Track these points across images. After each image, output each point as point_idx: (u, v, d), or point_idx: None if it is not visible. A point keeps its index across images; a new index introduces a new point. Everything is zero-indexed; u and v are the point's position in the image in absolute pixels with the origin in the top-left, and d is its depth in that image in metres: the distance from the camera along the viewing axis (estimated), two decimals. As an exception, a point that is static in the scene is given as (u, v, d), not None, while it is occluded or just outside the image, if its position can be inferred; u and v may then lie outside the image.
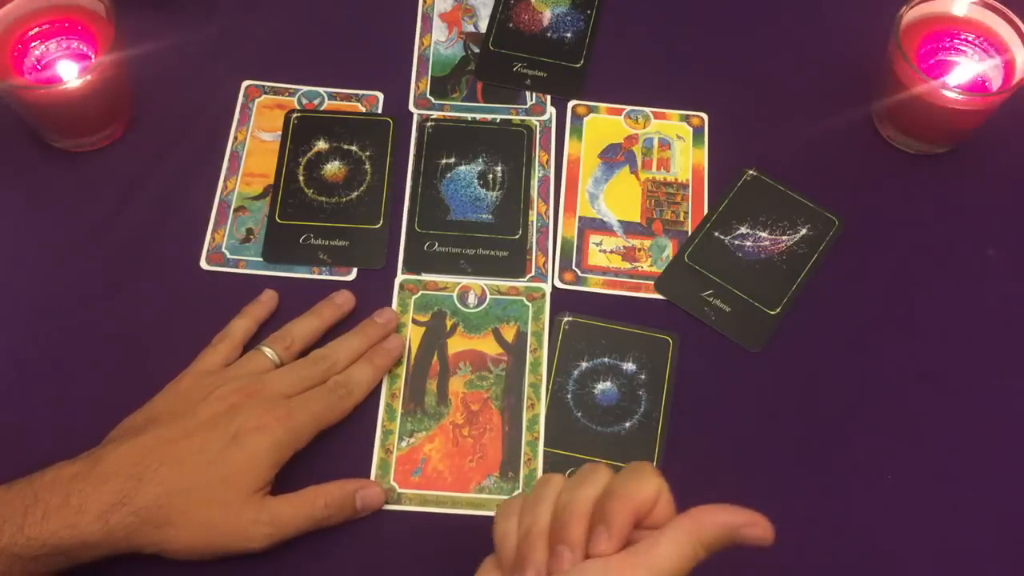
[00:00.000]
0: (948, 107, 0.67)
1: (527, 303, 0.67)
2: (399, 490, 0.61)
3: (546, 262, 0.68)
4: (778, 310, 0.67)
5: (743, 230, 0.70)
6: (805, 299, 0.67)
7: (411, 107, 0.74)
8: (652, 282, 0.68)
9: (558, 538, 0.45)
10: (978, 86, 0.69)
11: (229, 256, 0.68)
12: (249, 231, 0.69)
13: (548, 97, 0.75)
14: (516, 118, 0.74)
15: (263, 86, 0.75)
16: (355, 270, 0.68)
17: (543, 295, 0.67)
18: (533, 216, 0.70)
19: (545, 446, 0.62)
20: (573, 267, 0.68)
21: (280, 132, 0.73)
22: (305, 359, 0.62)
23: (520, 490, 0.61)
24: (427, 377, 0.64)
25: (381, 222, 0.69)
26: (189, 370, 0.61)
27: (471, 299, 0.67)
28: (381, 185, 0.71)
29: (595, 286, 0.68)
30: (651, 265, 0.69)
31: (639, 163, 0.72)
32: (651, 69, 0.77)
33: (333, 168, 0.71)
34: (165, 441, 0.55)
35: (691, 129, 0.74)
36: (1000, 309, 0.68)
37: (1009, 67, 0.68)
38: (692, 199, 0.71)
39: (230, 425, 0.56)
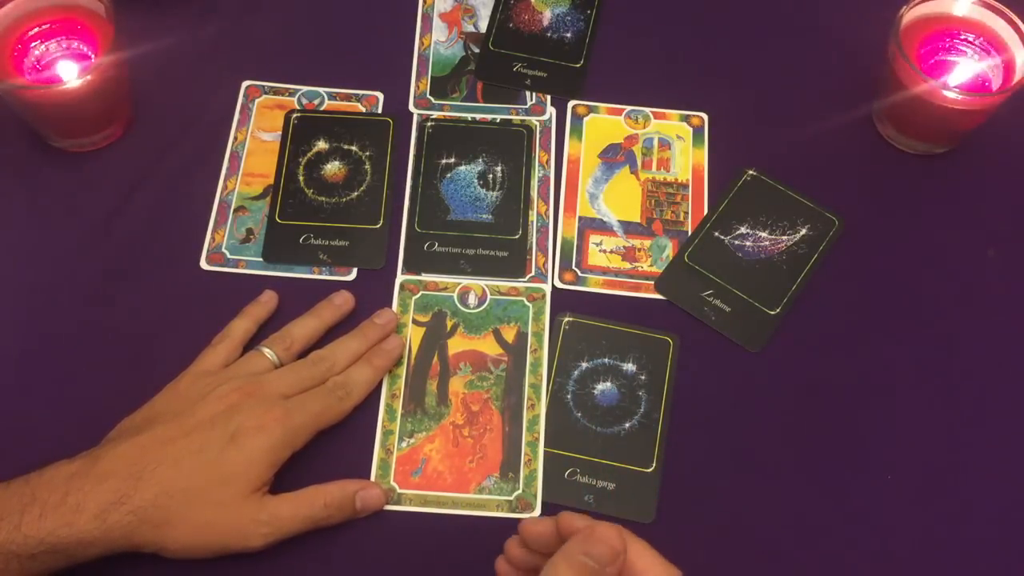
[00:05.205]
0: (948, 107, 0.67)
1: (527, 303, 0.67)
2: (399, 490, 0.61)
3: (546, 262, 0.68)
4: (778, 310, 0.67)
5: (743, 230, 0.70)
6: (805, 299, 0.67)
7: (411, 107, 0.74)
8: (652, 282, 0.68)
9: None
10: (978, 86, 0.69)
11: (229, 256, 0.68)
12: (249, 231, 0.69)
13: (548, 97, 0.75)
14: (516, 118, 0.74)
15: (263, 86, 0.75)
16: (355, 270, 0.68)
17: (543, 295, 0.67)
18: (533, 216, 0.70)
19: (545, 446, 0.62)
20: (573, 267, 0.68)
21: (280, 132, 0.73)
22: (304, 360, 0.62)
23: (520, 491, 0.61)
24: (427, 377, 0.64)
25: (381, 222, 0.69)
26: (188, 370, 0.61)
27: (471, 299, 0.67)
28: (381, 185, 0.71)
29: (595, 286, 0.68)
30: (651, 265, 0.69)
31: (639, 163, 0.72)
32: (651, 69, 0.77)
33: (333, 168, 0.71)
34: (164, 441, 0.55)
35: (691, 129, 0.74)
36: (1000, 309, 0.68)
37: (1009, 67, 0.68)
38: (692, 199, 0.71)
39: (228, 425, 0.56)
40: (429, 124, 0.73)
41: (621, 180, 0.72)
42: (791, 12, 0.79)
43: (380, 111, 0.74)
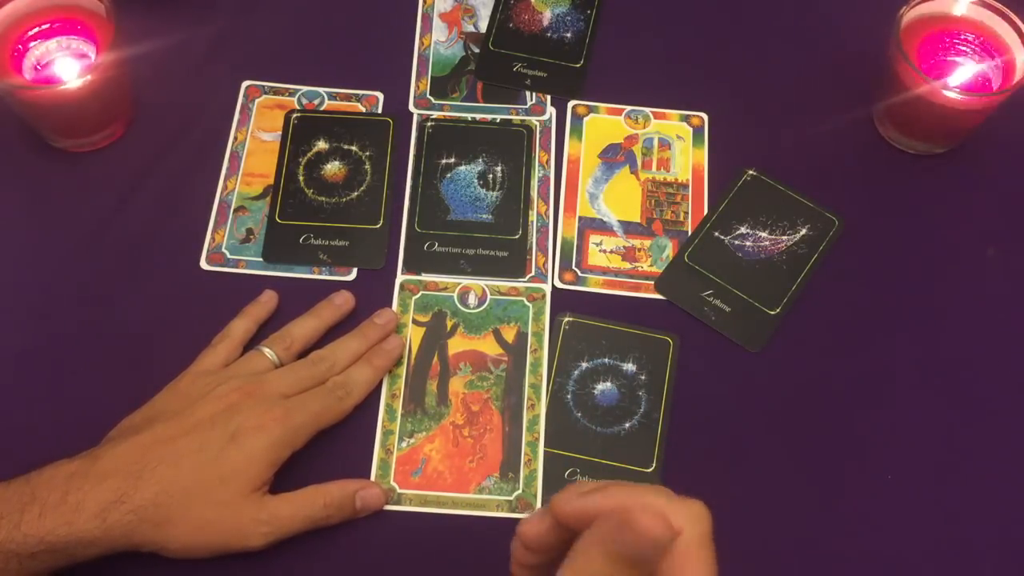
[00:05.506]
0: (948, 107, 0.67)
1: (527, 303, 0.67)
2: (399, 491, 0.61)
3: (546, 262, 0.68)
4: (778, 310, 0.67)
5: (743, 230, 0.70)
6: (805, 299, 0.67)
7: (411, 107, 0.74)
8: (652, 282, 0.68)
9: None
10: (978, 86, 0.69)
11: (229, 256, 0.68)
12: (249, 231, 0.69)
13: (548, 97, 0.75)
14: (516, 118, 0.74)
15: (263, 86, 0.75)
16: (355, 270, 0.68)
17: (543, 295, 0.67)
18: (533, 216, 0.70)
19: (545, 446, 0.62)
20: (573, 267, 0.68)
21: (280, 132, 0.73)
22: (304, 360, 0.62)
23: (520, 491, 0.61)
24: (427, 377, 0.64)
25: (381, 222, 0.69)
26: (188, 370, 0.61)
27: (471, 299, 0.67)
28: (381, 185, 0.71)
29: (595, 286, 0.68)
30: (651, 265, 0.69)
31: (639, 163, 0.72)
32: (651, 69, 0.77)
33: (333, 168, 0.71)
34: (164, 440, 0.55)
35: (691, 129, 0.74)
36: (1000, 309, 0.68)
37: (1009, 67, 0.68)
38: (692, 199, 0.71)
39: (228, 424, 0.56)
40: (429, 124, 0.73)
41: (621, 180, 0.72)
42: (791, 12, 0.79)
43: (380, 111, 0.74)
